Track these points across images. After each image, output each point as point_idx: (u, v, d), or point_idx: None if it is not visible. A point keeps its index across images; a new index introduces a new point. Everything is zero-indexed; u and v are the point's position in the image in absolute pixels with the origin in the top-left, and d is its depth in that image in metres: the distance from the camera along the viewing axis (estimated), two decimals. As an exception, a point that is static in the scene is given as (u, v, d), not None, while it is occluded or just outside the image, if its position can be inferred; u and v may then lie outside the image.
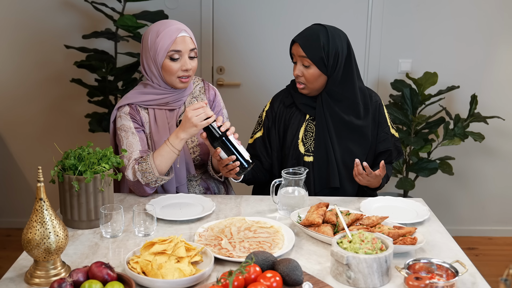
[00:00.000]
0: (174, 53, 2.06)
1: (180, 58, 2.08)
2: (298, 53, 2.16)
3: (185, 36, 2.08)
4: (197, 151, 2.21)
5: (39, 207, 1.48)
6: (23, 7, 3.51)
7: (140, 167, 2.03)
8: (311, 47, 2.13)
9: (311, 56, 2.13)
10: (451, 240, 1.81)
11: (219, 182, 2.34)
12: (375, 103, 2.29)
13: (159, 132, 2.15)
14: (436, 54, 3.62)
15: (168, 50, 2.05)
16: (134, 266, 1.52)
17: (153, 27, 2.11)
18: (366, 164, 2.07)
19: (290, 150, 2.26)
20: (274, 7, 3.58)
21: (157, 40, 2.06)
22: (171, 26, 2.08)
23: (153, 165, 2.01)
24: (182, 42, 2.07)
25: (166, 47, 2.05)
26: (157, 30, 2.08)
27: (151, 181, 2.03)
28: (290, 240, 1.73)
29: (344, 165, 2.23)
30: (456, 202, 3.86)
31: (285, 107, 2.30)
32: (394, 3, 3.56)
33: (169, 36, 2.05)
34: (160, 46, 2.06)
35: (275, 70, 3.62)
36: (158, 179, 2.03)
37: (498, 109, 3.62)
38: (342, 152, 2.23)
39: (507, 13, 3.56)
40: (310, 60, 2.13)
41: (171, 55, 2.06)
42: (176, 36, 2.06)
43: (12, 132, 3.71)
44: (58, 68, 3.59)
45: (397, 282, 1.52)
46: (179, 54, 2.07)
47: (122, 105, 2.16)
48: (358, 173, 2.09)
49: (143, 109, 2.17)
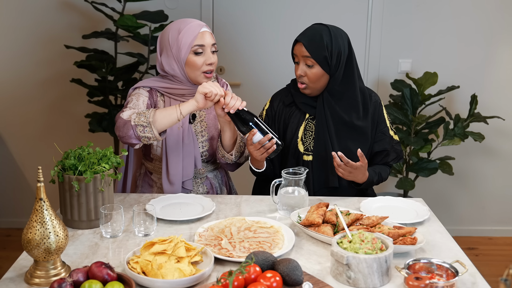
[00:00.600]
0: (198, 48, 2.09)
1: (203, 52, 2.11)
2: (301, 53, 2.16)
3: (206, 31, 2.13)
4: (206, 146, 2.23)
5: (39, 207, 1.48)
6: (23, 7, 3.52)
7: (138, 112, 2.01)
8: (314, 47, 2.13)
9: (315, 56, 2.13)
10: (451, 240, 1.81)
11: (222, 183, 2.34)
12: (374, 103, 2.28)
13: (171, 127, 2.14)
14: (436, 54, 3.62)
15: (192, 45, 2.09)
16: (134, 266, 1.52)
17: (173, 26, 2.14)
18: (341, 154, 2.05)
19: (289, 149, 2.26)
20: (274, 7, 3.58)
21: (179, 37, 2.09)
22: (192, 22, 2.12)
23: (152, 113, 1.99)
24: (204, 37, 2.11)
25: (190, 43, 2.08)
26: (178, 28, 2.11)
27: (141, 124, 1.96)
28: (290, 240, 1.73)
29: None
30: (456, 202, 3.86)
31: (284, 106, 2.30)
32: (394, 3, 3.56)
33: (192, 31, 2.09)
34: (183, 42, 2.09)
35: (275, 70, 3.62)
36: (148, 126, 1.96)
37: (498, 109, 3.62)
38: (342, 151, 2.22)
39: (507, 13, 3.57)
40: (313, 60, 2.13)
41: (195, 50, 2.09)
42: (199, 31, 2.10)
43: (12, 132, 3.71)
44: (58, 68, 3.59)
45: (397, 282, 1.52)
46: (203, 49, 2.11)
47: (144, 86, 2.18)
48: (337, 164, 2.06)
49: (160, 95, 2.19)
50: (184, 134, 2.16)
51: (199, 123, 2.24)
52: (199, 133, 2.22)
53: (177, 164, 2.16)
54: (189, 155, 2.17)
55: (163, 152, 2.16)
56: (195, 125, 2.23)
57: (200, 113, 2.25)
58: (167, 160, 2.16)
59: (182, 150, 2.16)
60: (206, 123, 2.24)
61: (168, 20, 3.25)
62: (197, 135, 2.22)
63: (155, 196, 2.12)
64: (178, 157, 2.16)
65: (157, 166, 2.24)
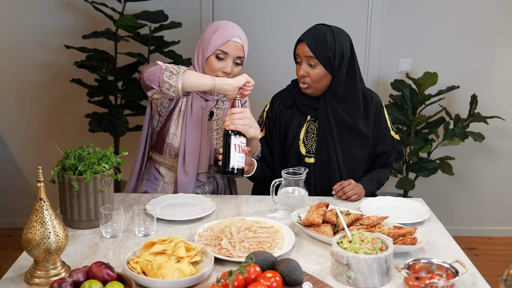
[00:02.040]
0: (220, 53, 2.12)
1: (225, 59, 2.13)
2: (304, 53, 2.15)
3: (237, 42, 2.13)
4: (219, 144, 2.23)
5: (39, 207, 1.48)
6: (23, 7, 3.52)
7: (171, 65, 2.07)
8: (318, 47, 2.12)
9: (318, 56, 2.12)
10: (451, 240, 1.81)
11: (227, 184, 2.35)
12: (375, 105, 2.28)
13: (192, 119, 2.18)
14: (436, 54, 3.62)
15: (217, 48, 2.11)
16: (134, 266, 1.52)
17: (215, 23, 2.19)
18: (334, 187, 2.13)
19: (291, 151, 2.25)
20: (275, 7, 3.58)
21: (212, 36, 2.13)
22: (229, 28, 2.15)
23: (185, 68, 2.04)
24: (232, 46, 2.12)
25: (216, 45, 2.11)
26: (216, 27, 2.16)
27: (171, 70, 2.01)
28: (290, 240, 1.73)
29: (346, 168, 2.23)
30: (456, 202, 3.86)
31: (285, 108, 2.30)
32: (394, 3, 3.56)
33: (223, 36, 2.12)
34: (212, 42, 2.12)
35: (275, 70, 3.62)
36: (176, 75, 1.99)
37: (498, 109, 3.62)
38: (344, 154, 2.23)
39: (507, 13, 3.57)
40: (317, 60, 2.13)
41: (218, 54, 2.12)
42: (229, 39, 2.12)
43: (12, 132, 3.71)
44: (58, 68, 3.59)
45: (397, 282, 1.52)
46: (225, 56, 2.13)
47: None
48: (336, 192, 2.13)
49: None
50: (203, 128, 2.19)
51: (215, 121, 2.25)
52: (214, 130, 2.25)
53: (195, 155, 2.17)
54: (206, 148, 2.19)
55: (181, 141, 2.17)
56: (212, 122, 2.25)
57: (217, 111, 2.26)
58: (185, 149, 2.17)
59: (201, 142, 2.18)
60: (222, 123, 2.26)
61: (168, 20, 3.25)
62: (212, 132, 2.24)
63: (155, 196, 2.12)
64: (196, 147, 2.18)
65: (168, 159, 2.23)
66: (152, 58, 3.35)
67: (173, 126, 2.19)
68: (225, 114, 2.26)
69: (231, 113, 2.01)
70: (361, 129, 2.22)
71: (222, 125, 2.19)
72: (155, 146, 2.27)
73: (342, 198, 2.13)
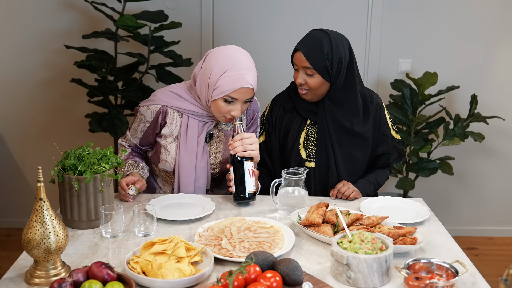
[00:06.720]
0: (229, 98, 1.99)
1: (233, 102, 2.01)
2: (301, 63, 2.13)
3: (248, 88, 1.99)
4: (217, 168, 2.19)
5: (39, 207, 1.48)
6: (23, 7, 3.51)
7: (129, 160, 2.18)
8: (315, 56, 2.10)
9: (315, 65, 2.10)
10: (451, 240, 1.81)
11: None
12: (376, 105, 2.28)
13: (187, 142, 2.10)
14: (436, 54, 3.62)
15: (226, 94, 1.98)
16: (134, 266, 1.52)
17: (222, 58, 1.99)
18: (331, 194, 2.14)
19: (291, 155, 2.25)
20: (274, 7, 3.58)
21: (220, 77, 1.97)
22: (240, 71, 1.97)
23: (126, 168, 2.15)
24: (242, 92, 1.99)
25: (225, 91, 1.97)
26: (224, 67, 1.97)
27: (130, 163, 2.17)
28: (290, 240, 1.73)
29: (346, 171, 2.23)
30: (456, 202, 3.86)
31: (285, 112, 2.29)
32: (394, 3, 3.56)
33: (233, 82, 1.96)
34: (220, 86, 1.97)
35: (275, 71, 3.61)
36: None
37: (498, 109, 3.62)
38: (344, 158, 2.22)
39: (507, 13, 3.57)
40: (314, 70, 2.11)
41: (226, 99, 1.99)
42: (240, 87, 1.97)
43: (12, 132, 3.71)
44: (58, 68, 3.59)
45: (397, 282, 1.52)
46: (234, 100, 2.00)
47: (156, 104, 2.11)
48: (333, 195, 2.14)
49: (177, 112, 2.12)
50: (198, 155, 2.12)
51: (215, 143, 2.18)
52: (212, 154, 2.17)
53: (189, 186, 2.13)
54: (202, 176, 2.15)
55: (176, 171, 2.13)
56: (210, 144, 2.18)
57: (219, 133, 2.19)
58: (179, 179, 2.13)
59: (195, 171, 2.13)
60: (222, 146, 2.18)
61: (168, 20, 3.25)
62: (211, 156, 2.17)
63: (155, 196, 2.12)
64: (190, 177, 2.13)
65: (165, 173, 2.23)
66: (152, 58, 3.35)
67: (164, 153, 2.14)
68: (227, 137, 2.19)
69: (242, 138, 1.98)
70: (361, 132, 2.22)
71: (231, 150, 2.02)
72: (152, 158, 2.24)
73: (343, 198, 2.13)
